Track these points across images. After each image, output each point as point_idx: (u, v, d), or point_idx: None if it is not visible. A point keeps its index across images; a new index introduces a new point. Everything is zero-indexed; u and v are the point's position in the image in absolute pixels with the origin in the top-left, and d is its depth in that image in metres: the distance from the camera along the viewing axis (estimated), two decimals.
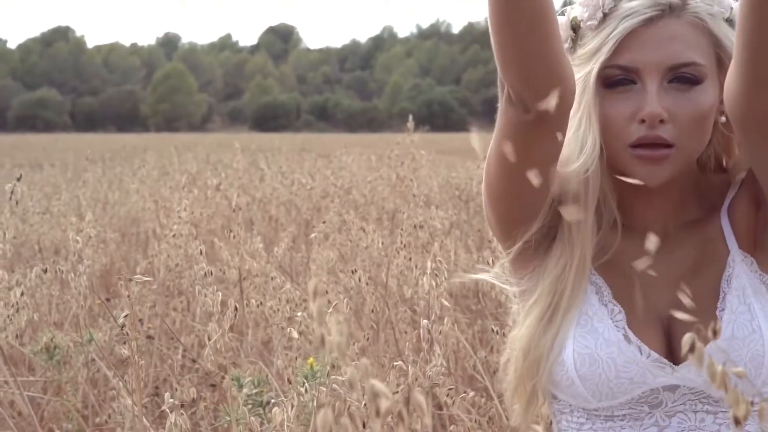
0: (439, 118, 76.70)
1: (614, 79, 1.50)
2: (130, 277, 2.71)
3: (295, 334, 2.49)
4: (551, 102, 1.37)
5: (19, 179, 3.58)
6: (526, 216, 1.55)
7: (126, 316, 2.41)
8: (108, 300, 4.88)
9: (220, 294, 2.86)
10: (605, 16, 1.52)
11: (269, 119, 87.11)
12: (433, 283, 3.09)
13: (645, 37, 1.49)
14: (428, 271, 3.11)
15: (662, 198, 1.55)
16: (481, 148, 1.60)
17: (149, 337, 4.21)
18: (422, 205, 4.71)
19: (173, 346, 4.49)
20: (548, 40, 1.40)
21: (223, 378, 3.78)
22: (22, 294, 2.99)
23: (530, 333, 1.56)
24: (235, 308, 2.61)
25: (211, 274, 3.24)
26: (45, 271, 3.41)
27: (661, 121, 1.47)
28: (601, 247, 1.57)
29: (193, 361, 4.10)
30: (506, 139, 1.47)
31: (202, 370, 4.06)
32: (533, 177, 1.37)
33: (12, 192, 3.54)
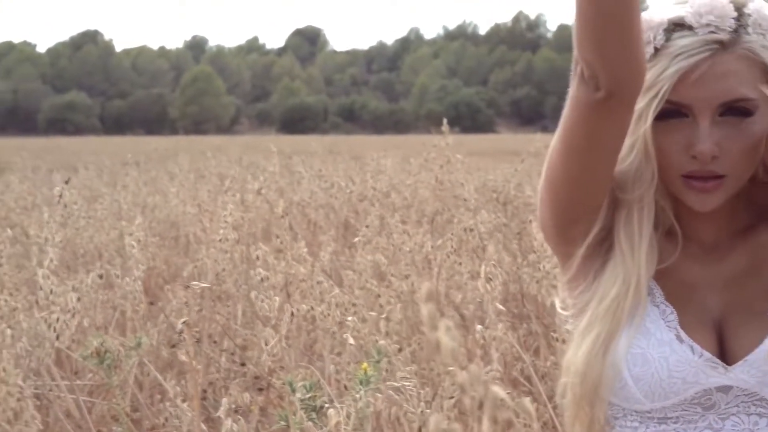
0: (467, 120, 76.67)
1: (666, 111, 1.50)
2: (187, 283, 2.72)
3: (351, 341, 2.49)
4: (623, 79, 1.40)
5: (67, 182, 3.61)
6: (586, 210, 1.55)
7: (184, 322, 2.42)
8: (152, 303, 4.91)
9: (277, 299, 2.86)
10: (656, 51, 1.52)
11: (297, 121, 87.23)
12: (488, 287, 3.08)
13: (697, 74, 1.49)
14: (482, 276, 3.10)
15: (713, 212, 1.55)
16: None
17: (197, 341, 4.22)
18: (472, 208, 4.70)
19: (218, 350, 4.51)
20: (631, 19, 1.41)
21: (269, 383, 3.79)
22: (78, 299, 3.01)
23: (587, 358, 1.55)
24: (291, 314, 2.61)
25: (268, 279, 3.24)
26: (101, 276, 3.42)
27: (713, 157, 1.48)
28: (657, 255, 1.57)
29: (242, 364, 4.11)
30: (574, 120, 1.48)
31: (250, 374, 4.08)
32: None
33: (60, 196, 3.57)
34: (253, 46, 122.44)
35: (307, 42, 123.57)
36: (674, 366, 1.51)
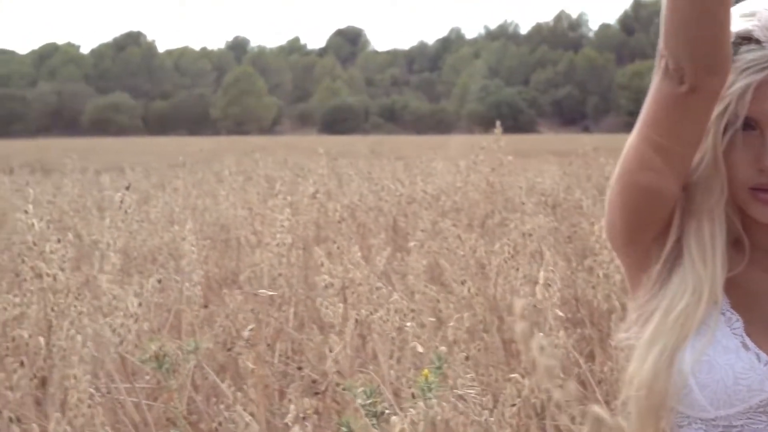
0: (508, 120, 76.31)
1: (734, 124, 1.51)
2: (253, 290, 2.74)
3: (420, 348, 2.49)
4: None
5: (128, 188, 3.65)
6: (660, 213, 1.55)
7: (251, 329, 2.43)
8: (205, 306, 4.94)
9: (341, 306, 2.87)
10: None
11: (338, 121, 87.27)
12: (546, 294, 3.07)
13: (765, 88, 1.49)
14: (541, 282, 3.10)
15: None
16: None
17: (253, 345, 4.24)
18: (529, 212, 4.68)
19: (273, 353, 4.52)
20: (725, 15, 1.42)
21: (327, 387, 3.80)
22: (139, 304, 3.04)
23: (653, 372, 1.54)
24: (356, 320, 2.62)
25: (332, 285, 3.25)
26: (159, 281, 3.45)
27: None
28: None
29: (299, 368, 4.13)
30: (654, 116, 1.48)
31: (306, 378, 4.09)
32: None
33: (122, 201, 3.60)
34: (294, 47, 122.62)
35: (348, 42, 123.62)
36: (740, 373, 1.51)
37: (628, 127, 1.60)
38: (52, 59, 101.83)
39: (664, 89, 1.47)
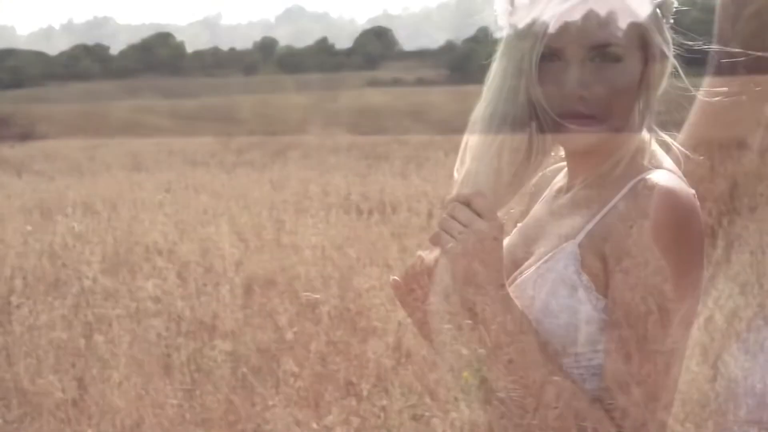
0: (536, 119, 75.76)
1: None
2: (303, 294, 2.75)
3: (464, 351, 2.49)
4: None
5: (167, 191, 3.67)
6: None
7: (295, 332, 2.45)
8: (243, 308, 4.95)
9: (383, 308, 2.87)
10: None
11: (365, 122, 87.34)
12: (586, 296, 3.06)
13: None
14: (582, 283, 3.08)
15: None
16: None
17: (291, 347, 4.25)
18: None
19: (309, 354, 4.53)
20: None
21: (364, 390, 3.80)
22: (182, 307, 3.06)
23: (696, 376, 1.54)
24: (399, 323, 2.63)
25: (374, 287, 3.26)
26: (205, 284, 3.48)
27: None
28: None
29: (336, 370, 4.13)
30: (700, 117, 1.50)
31: (345, 380, 4.09)
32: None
33: (161, 204, 3.63)
34: (321, 47, 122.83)
35: (376, 42, 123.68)
36: None
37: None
38: (82, 60, 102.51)
39: (715, 84, 1.47)
